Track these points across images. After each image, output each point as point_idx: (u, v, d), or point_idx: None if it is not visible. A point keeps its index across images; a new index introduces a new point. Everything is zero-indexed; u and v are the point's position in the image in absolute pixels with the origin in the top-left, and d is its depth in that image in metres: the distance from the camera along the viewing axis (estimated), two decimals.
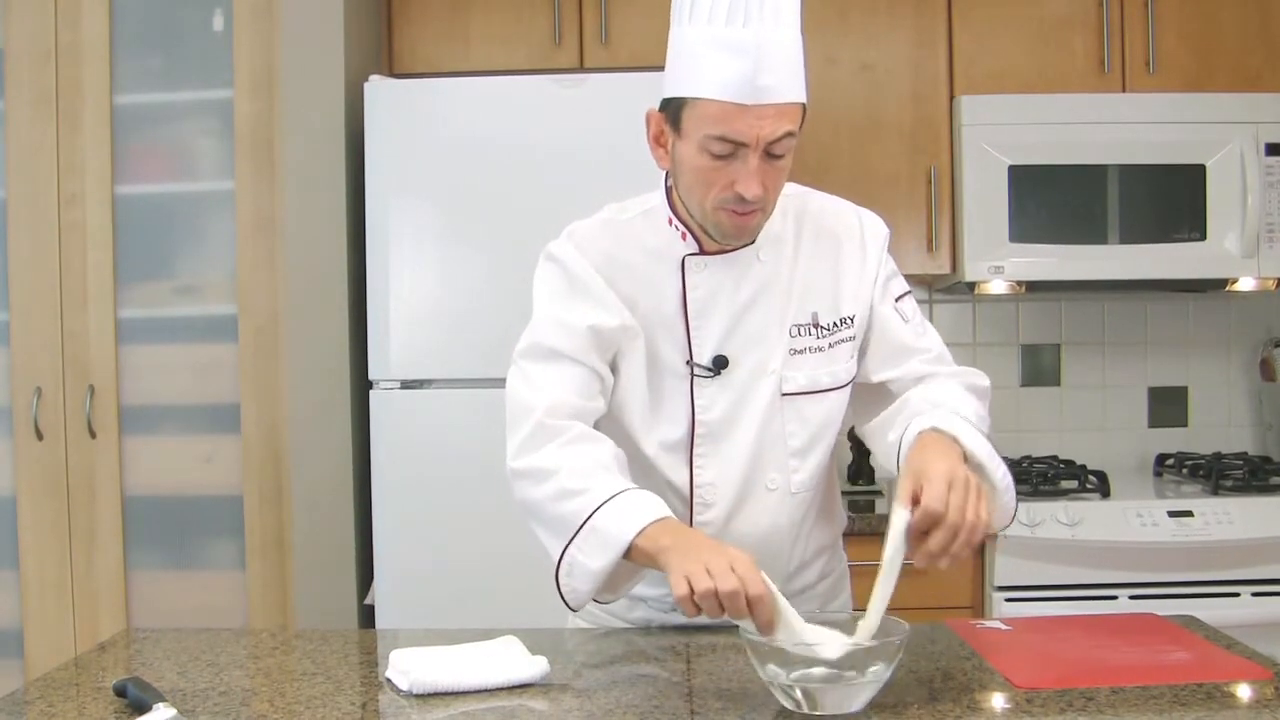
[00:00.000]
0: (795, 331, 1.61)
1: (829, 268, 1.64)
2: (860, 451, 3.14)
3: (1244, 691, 1.34)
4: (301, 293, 2.79)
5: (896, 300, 1.67)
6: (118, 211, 2.90)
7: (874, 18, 3.08)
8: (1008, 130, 2.94)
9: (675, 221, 1.62)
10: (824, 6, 3.08)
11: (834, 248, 1.65)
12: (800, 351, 1.61)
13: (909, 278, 3.39)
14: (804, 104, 1.50)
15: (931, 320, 3.36)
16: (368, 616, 2.77)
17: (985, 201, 2.94)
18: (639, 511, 1.44)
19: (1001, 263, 2.95)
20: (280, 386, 2.86)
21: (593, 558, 1.45)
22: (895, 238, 3.02)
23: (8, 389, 2.91)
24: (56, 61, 2.89)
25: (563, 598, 1.51)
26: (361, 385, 2.78)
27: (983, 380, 1.65)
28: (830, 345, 1.63)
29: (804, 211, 1.67)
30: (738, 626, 1.35)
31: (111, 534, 2.90)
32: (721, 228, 1.54)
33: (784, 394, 1.61)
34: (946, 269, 3.07)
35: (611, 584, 1.50)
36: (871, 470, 3.15)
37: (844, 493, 3.08)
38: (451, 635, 1.56)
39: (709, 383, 1.60)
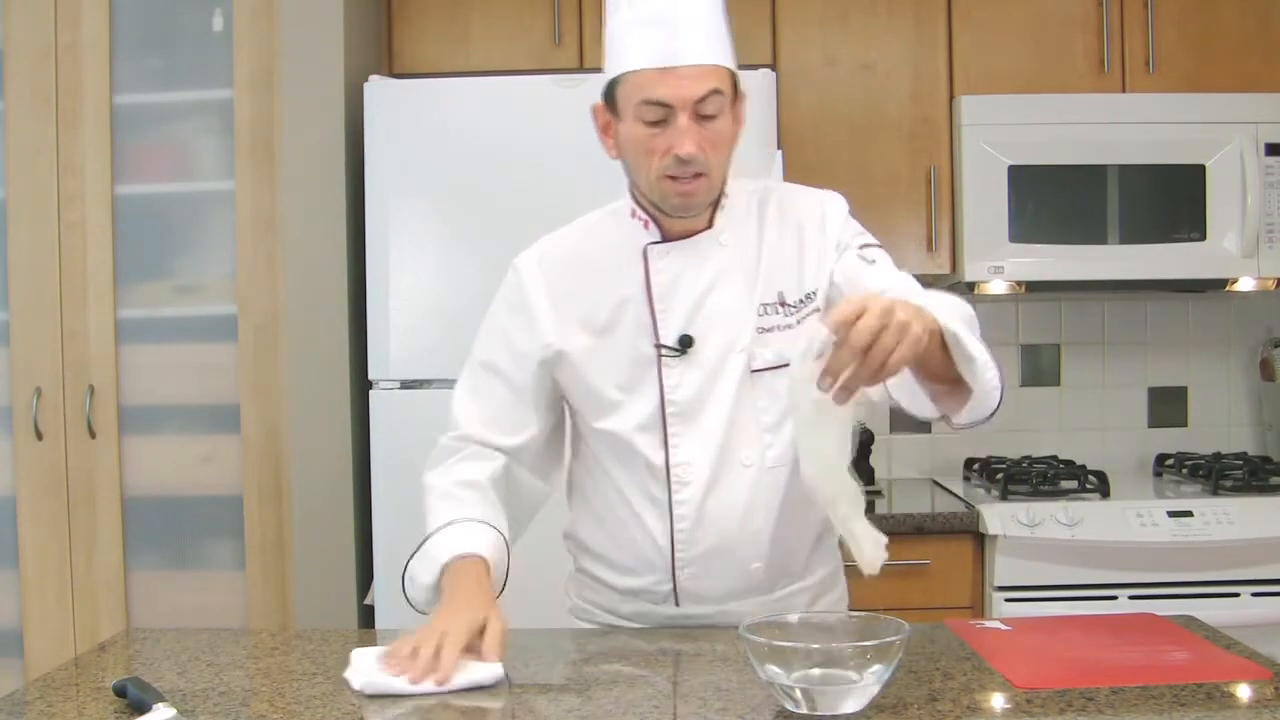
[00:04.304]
0: (763, 310, 1.66)
1: (793, 248, 1.69)
2: (860, 452, 3.14)
3: (1244, 691, 1.34)
4: (301, 293, 2.78)
5: (860, 250, 1.68)
6: (117, 211, 2.90)
7: (874, 18, 3.08)
8: (1008, 130, 2.94)
9: (638, 212, 1.69)
10: (824, 6, 3.08)
11: (797, 229, 1.70)
12: (769, 330, 1.66)
13: None
14: (730, 70, 1.59)
15: None
16: (368, 616, 2.77)
17: (985, 201, 2.94)
18: (452, 545, 1.62)
19: (1001, 263, 2.95)
20: (280, 386, 2.85)
21: (420, 572, 1.65)
22: (895, 238, 3.05)
23: (8, 389, 2.91)
24: (56, 61, 2.89)
25: (407, 597, 1.70)
26: (361, 385, 2.78)
27: (966, 308, 1.55)
28: (799, 321, 1.67)
29: (767, 198, 1.73)
30: (736, 627, 1.35)
31: (111, 534, 2.90)
32: (669, 199, 1.61)
33: (753, 370, 1.65)
34: (946, 269, 3.07)
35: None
36: (872, 470, 3.15)
37: None
38: None
39: (676, 362, 1.65)
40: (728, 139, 1.61)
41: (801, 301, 1.67)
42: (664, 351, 1.65)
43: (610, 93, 1.61)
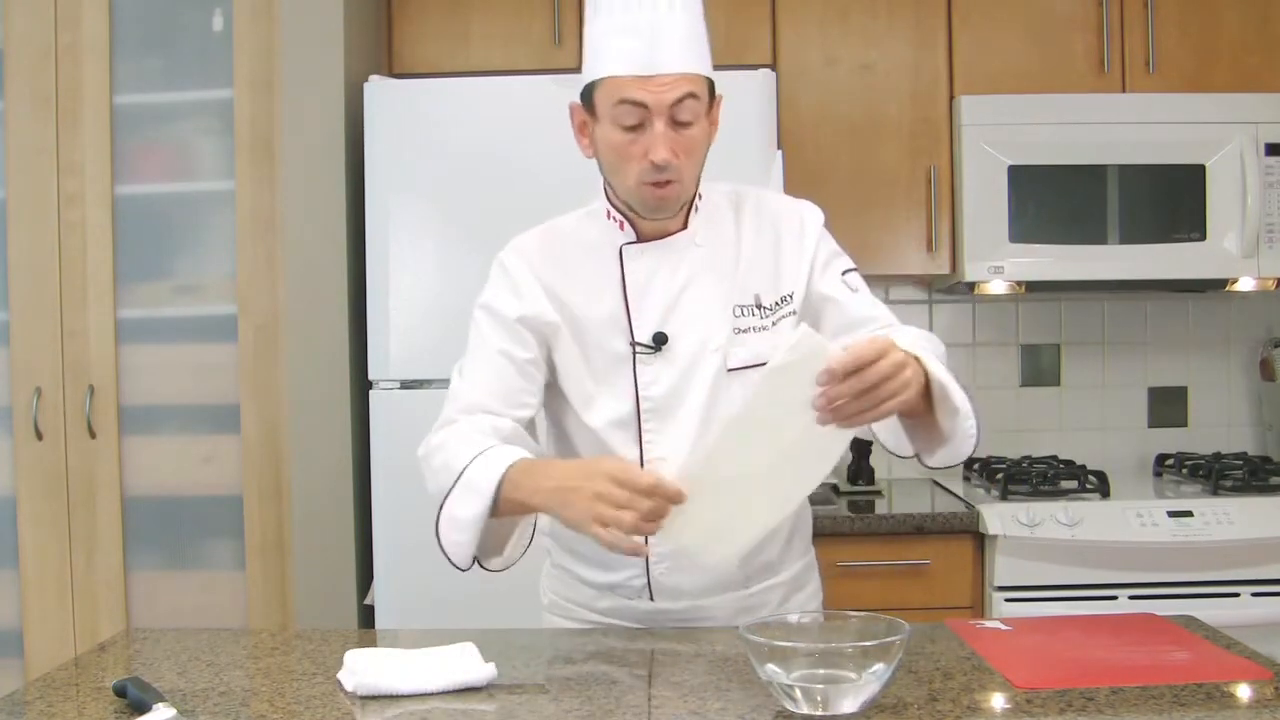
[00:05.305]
0: (739, 312, 1.69)
1: (769, 251, 1.72)
2: (860, 452, 3.14)
3: (1244, 691, 1.34)
4: (301, 293, 2.79)
5: (842, 275, 1.73)
6: (118, 211, 2.90)
7: (874, 18, 3.08)
8: (1008, 130, 2.94)
9: (613, 214, 1.71)
10: (824, 6, 3.08)
11: (773, 232, 1.73)
12: (744, 331, 1.69)
13: (909, 278, 3.43)
14: (708, 78, 1.62)
15: (931, 320, 3.41)
16: (368, 616, 2.77)
17: (985, 202, 2.94)
18: (501, 459, 1.53)
19: (1001, 263, 2.95)
20: (280, 386, 2.85)
21: (464, 507, 1.54)
22: (895, 238, 3.06)
23: (8, 389, 2.91)
24: (56, 61, 2.89)
25: (446, 555, 1.59)
26: (361, 385, 2.78)
27: (940, 345, 1.66)
28: (774, 323, 1.70)
29: (742, 201, 1.76)
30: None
31: (111, 534, 2.90)
32: (645, 203, 1.64)
33: (729, 369, 1.67)
34: (946, 269, 3.07)
35: (496, 541, 1.60)
36: (871, 470, 3.15)
37: (844, 493, 3.09)
38: (451, 635, 1.56)
39: (652, 359, 1.68)
40: (701, 145, 1.63)
41: (777, 304, 1.70)
42: (638, 348, 1.67)
43: (588, 94, 1.64)
